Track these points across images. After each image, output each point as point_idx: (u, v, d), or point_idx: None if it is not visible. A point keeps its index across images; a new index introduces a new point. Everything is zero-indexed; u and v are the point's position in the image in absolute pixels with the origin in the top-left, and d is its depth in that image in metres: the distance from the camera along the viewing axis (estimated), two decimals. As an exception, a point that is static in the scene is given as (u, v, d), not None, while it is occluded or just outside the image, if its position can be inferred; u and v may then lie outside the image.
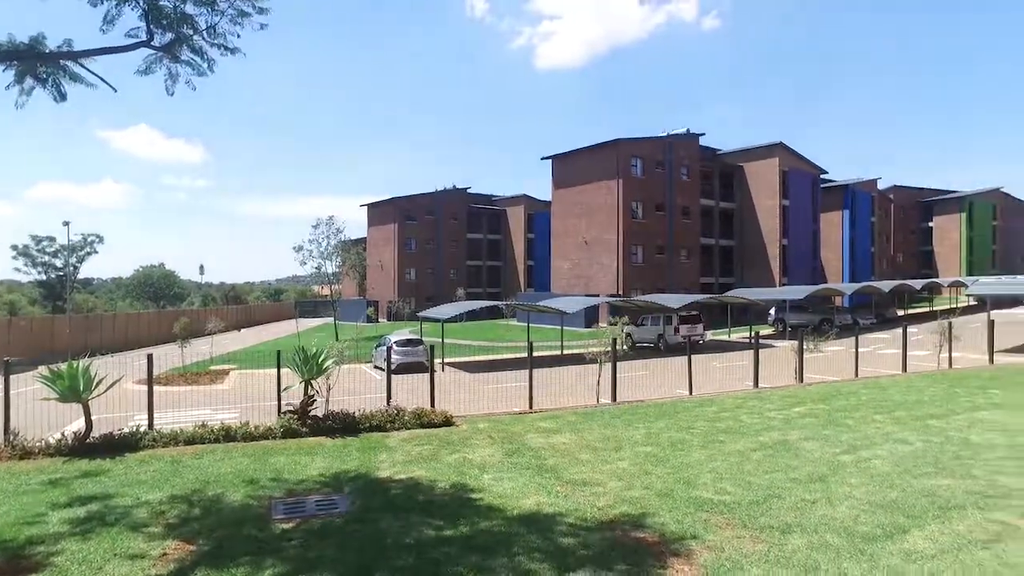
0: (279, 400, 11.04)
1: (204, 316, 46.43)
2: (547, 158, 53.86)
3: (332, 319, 50.92)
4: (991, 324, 19.24)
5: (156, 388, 12.02)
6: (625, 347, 15.10)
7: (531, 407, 12.87)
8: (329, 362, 10.64)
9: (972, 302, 56.89)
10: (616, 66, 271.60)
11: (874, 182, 67.29)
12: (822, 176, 59.59)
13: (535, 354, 30.78)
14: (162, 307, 78.58)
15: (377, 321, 59.27)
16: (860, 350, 18.21)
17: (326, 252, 46.25)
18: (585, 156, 50.72)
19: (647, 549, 5.50)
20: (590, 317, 45.17)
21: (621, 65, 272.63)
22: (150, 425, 10.18)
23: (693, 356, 14.61)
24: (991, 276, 47.60)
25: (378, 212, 71.17)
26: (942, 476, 7.53)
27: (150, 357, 10.99)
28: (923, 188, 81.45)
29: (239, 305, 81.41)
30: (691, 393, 14.56)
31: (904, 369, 17.51)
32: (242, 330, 59.57)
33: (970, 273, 72.15)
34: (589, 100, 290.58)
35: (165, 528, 6.12)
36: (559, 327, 41.77)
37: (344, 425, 10.16)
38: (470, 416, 11.74)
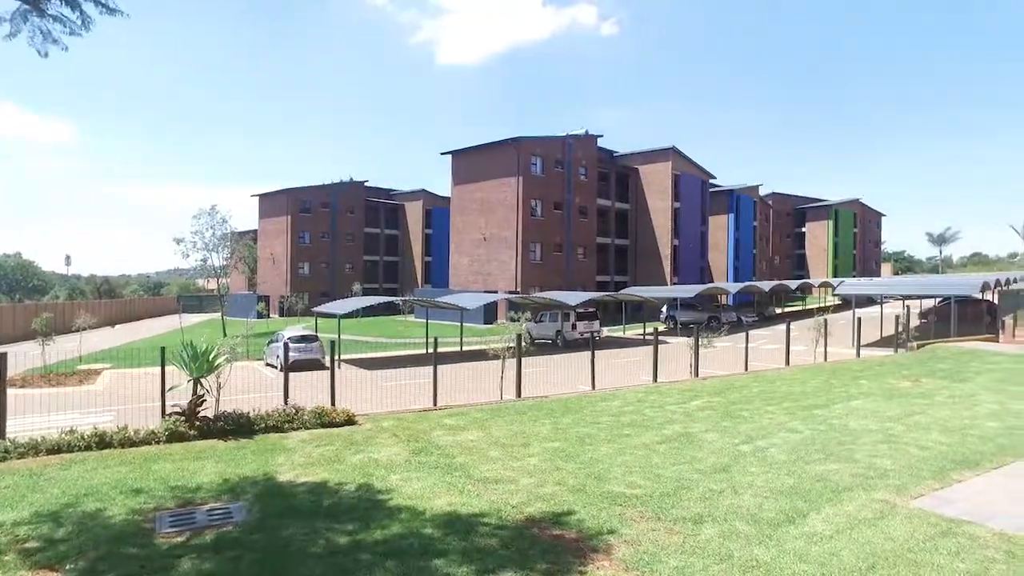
0: (163, 401, 10.07)
1: (71, 311, 42.26)
2: (447, 153, 53.45)
3: (219, 314, 47.95)
4: (858, 321, 20.98)
5: (10, 391, 10.66)
6: (524, 343, 15.09)
7: (435, 404, 12.58)
8: (221, 359, 9.83)
9: (837, 301, 62.32)
10: (516, 65, 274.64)
11: (756, 188, 71.91)
12: (710, 181, 63.00)
13: (438, 350, 30.48)
14: (17, 300, 70.75)
15: (268, 317, 56.46)
16: (741, 345, 19.31)
17: (211, 244, 43.29)
18: (486, 153, 50.75)
19: (566, 546, 5.42)
20: (489, 314, 45.32)
21: (521, 64, 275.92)
22: (0, 434, 8.92)
23: (589, 352, 14.86)
24: (854, 278, 52.26)
25: (270, 203, 67.77)
26: (830, 461, 8.02)
27: (3, 356, 9.66)
28: (798, 196, 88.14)
29: (113, 299, 74.86)
30: (594, 388, 14.79)
31: (787, 363, 18.74)
32: (116, 326, 54.80)
33: (835, 275, 78.97)
34: (489, 97, 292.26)
35: (20, 555, 5.27)
36: (458, 323, 41.61)
37: (237, 426, 9.43)
38: (373, 414, 11.28)
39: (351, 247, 69.71)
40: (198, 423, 9.29)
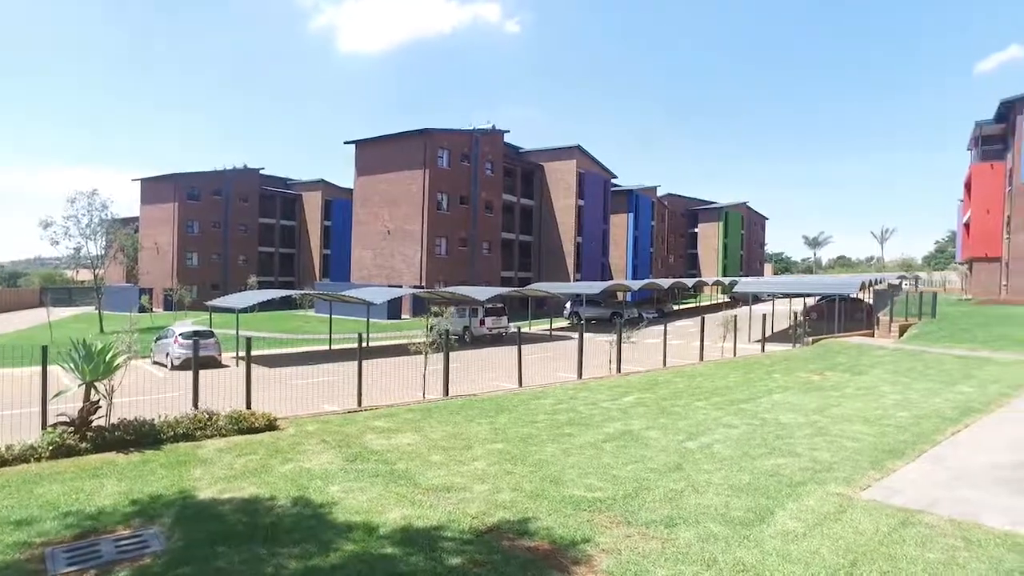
0: (44, 408, 8.67)
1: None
2: (351, 143, 51.52)
3: (94, 308, 43.63)
4: (763, 318, 22.02)
5: None
6: (428, 339, 14.59)
7: (360, 404, 11.78)
8: (121, 358, 8.59)
9: (726, 298, 65.93)
10: (420, 57, 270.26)
11: (654, 189, 74.71)
12: (612, 180, 64.69)
13: (341, 347, 29.16)
14: None
15: (152, 311, 52.15)
16: (648, 341, 19.85)
17: (88, 231, 39.20)
18: (391, 144, 49.38)
19: (544, 559, 5.00)
20: (393, 309, 44.15)
21: (425, 57, 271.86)
22: None
23: (500, 347, 14.65)
24: (749, 277, 55.42)
25: (154, 189, 62.54)
26: (775, 456, 8.10)
27: None
28: (691, 197, 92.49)
29: (-42, 292, 66.49)
30: (521, 385, 14.49)
31: (701, 358, 19.32)
32: (-38, 322, 48.59)
33: (724, 274, 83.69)
34: (392, 89, 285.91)
35: None
36: (361, 318, 40.18)
37: (140, 436, 8.26)
38: (294, 417, 10.34)
39: (245, 238, 65.82)
40: (91, 434, 8.06)
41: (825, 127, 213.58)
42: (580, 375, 15.70)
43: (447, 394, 13.07)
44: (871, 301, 34.53)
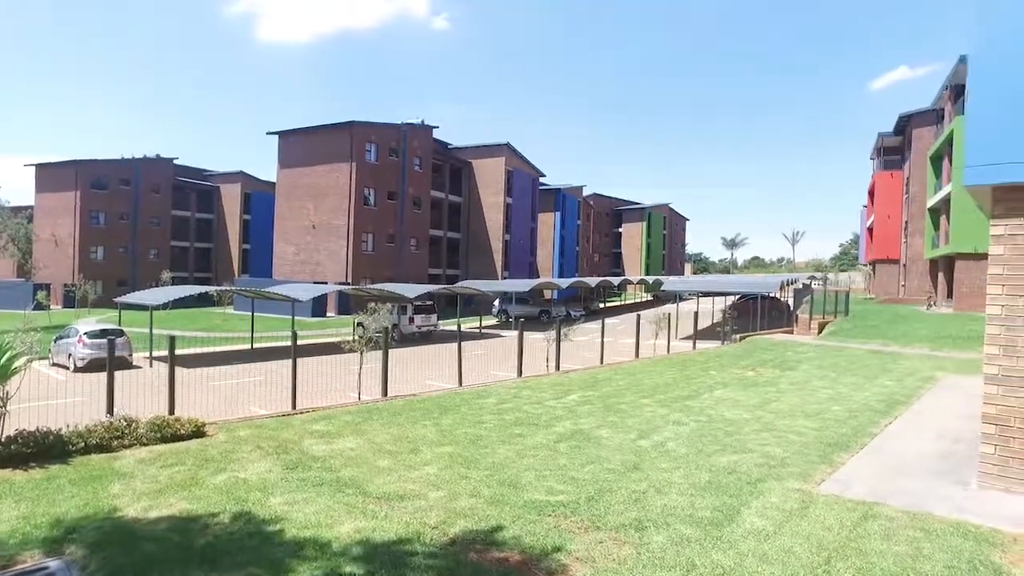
0: (-77, 419, 7.57)
1: None
2: (274, 134, 49.45)
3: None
4: (695, 316, 22.50)
5: None
6: (356, 337, 14.07)
7: (295, 407, 11.07)
8: (21, 360, 7.60)
9: (650, 297, 67.68)
10: (345, 50, 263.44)
11: (580, 189, 75.68)
12: (540, 179, 65.04)
13: (265, 346, 27.78)
14: None
15: (49, 308, 48.21)
16: (579, 339, 19.84)
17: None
18: (317, 135, 47.72)
19: (517, 571, 4.67)
20: (318, 306, 42.66)
21: (350, 49, 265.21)
22: None
23: (430, 346, 14.20)
24: (675, 276, 57.01)
25: (52, 175, 57.80)
26: (728, 453, 8.09)
27: None
28: (615, 198, 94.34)
29: None
30: (461, 384, 14.09)
31: (637, 355, 19.49)
32: None
33: (647, 273, 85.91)
34: (316, 81, 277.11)
35: None
36: (285, 316, 38.60)
37: (42, 448, 7.31)
38: (223, 422, 9.54)
39: (156, 231, 62.02)
40: (-16, 447, 7.08)
41: (741, 133, 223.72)
42: (520, 373, 15.46)
43: (386, 395, 12.51)
44: (790, 300, 36.13)
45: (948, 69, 36.16)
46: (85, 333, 21.31)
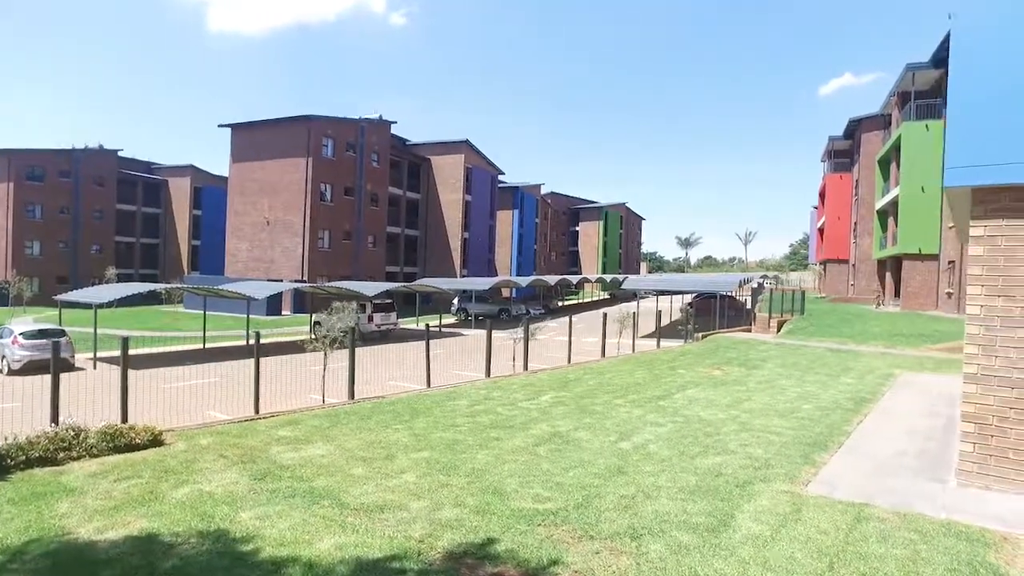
0: None
1: None
2: (226, 126, 47.82)
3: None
4: (658, 315, 22.58)
5: None
6: (315, 336, 13.62)
7: (258, 411, 10.53)
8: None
9: (607, 295, 68.22)
10: (300, 43, 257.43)
11: (538, 187, 75.73)
12: (498, 176, 64.78)
13: (218, 345, 26.76)
14: None
15: (-21, 308, 45.55)
16: (540, 338, 19.65)
17: None
18: (272, 129, 46.35)
19: (515, 589, 4.41)
20: (273, 305, 41.49)
21: (305, 43, 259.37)
22: None
23: (390, 345, 13.80)
24: (635, 275, 57.49)
25: (-19, 166, 54.76)
26: (711, 454, 7.99)
27: None
28: (573, 196, 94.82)
29: None
30: (429, 385, 13.72)
31: (603, 355, 19.41)
32: None
33: (604, 271, 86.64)
34: (270, 74, 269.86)
35: None
36: (238, 314, 37.41)
37: (-22, 462, 6.71)
38: (181, 429, 8.96)
39: (99, 225, 59.35)
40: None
41: (697, 135, 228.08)
42: (488, 373, 15.17)
43: (353, 397, 12.06)
44: (748, 298, 36.80)
45: (888, 77, 37.44)
46: (21, 333, 20.07)
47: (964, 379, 7.05)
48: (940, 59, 33.26)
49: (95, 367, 20.26)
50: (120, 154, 61.81)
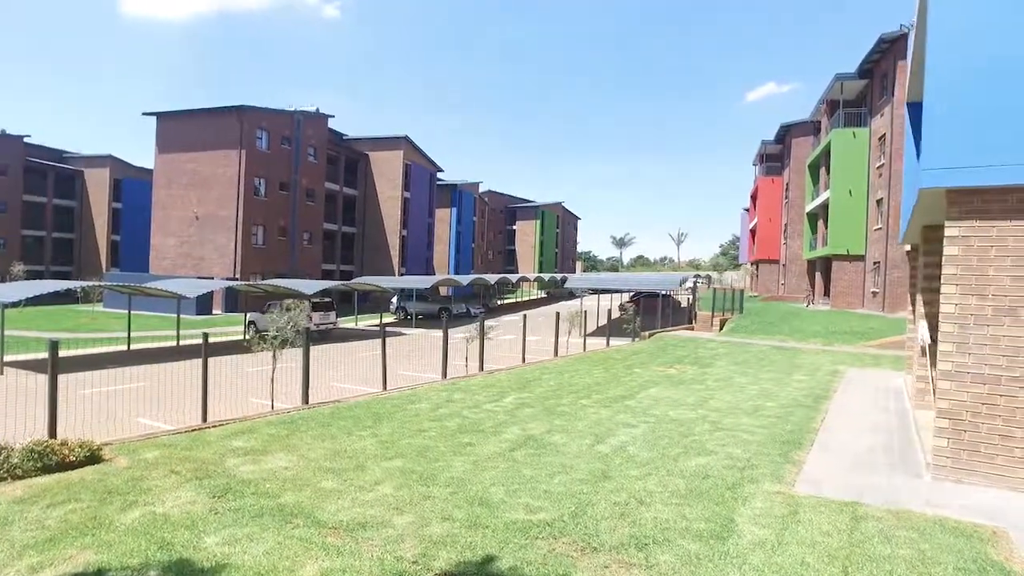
0: None
1: None
2: (151, 115, 45.15)
3: None
4: (608, 313, 22.63)
5: None
6: (257, 336, 12.92)
7: (205, 419, 9.74)
8: None
9: (543, 294, 68.60)
10: (226, 32, 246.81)
11: (476, 185, 75.32)
12: (437, 174, 63.99)
13: (144, 347, 25.11)
14: None
15: None
16: (491, 337, 19.31)
17: None
18: (202, 119, 44.07)
19: (531, 613, 4.07)
20: (203, 304, 39.48)
21: (232, 33, 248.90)
22: None
23: (331, 344, 13.18)
24: (575, 274, 57.89)
25: None
26: (692, 455, 7.87)
27: None
28: (510, 195, 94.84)
29: None
30: (385, 388, 13.15)
31: (556, 354, 19.24)
32: None
33: (540, 270, 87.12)
34: (194, 63, 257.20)
35: None
36: (165, 314, 35.44)
37: None
38: (121, 442, 8.11)
39: (3, 218, 54.99)
40: None
41: (630, 136, 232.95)
42: (445, 374, 14.71)
43: (307, 402, 11.37)
44: (688, 297, 37.57)
45: (807, 88, 39.00)
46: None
47: (939, 376, 7.18)
48: (865, 70, 34.94)
49: (2, 372, 18.54)
50: (27, 141, 57.44)
